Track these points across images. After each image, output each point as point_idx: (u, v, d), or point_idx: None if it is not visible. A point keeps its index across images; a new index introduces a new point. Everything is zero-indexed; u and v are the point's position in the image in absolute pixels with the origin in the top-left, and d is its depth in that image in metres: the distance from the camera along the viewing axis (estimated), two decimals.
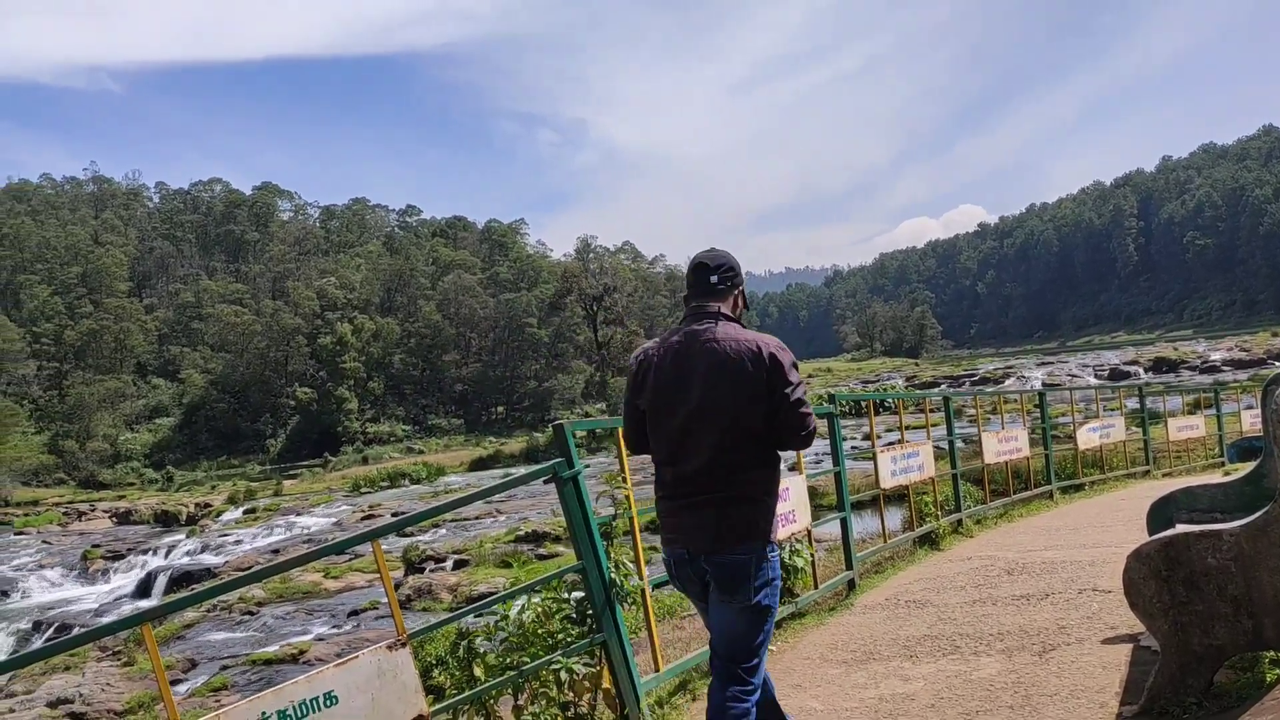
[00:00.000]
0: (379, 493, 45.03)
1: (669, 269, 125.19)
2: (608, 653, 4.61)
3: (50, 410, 73.26)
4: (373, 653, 4.12)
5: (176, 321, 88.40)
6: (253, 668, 17.08)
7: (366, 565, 25.44)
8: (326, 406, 73.54)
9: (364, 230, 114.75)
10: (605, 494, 4.97)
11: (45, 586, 32.21)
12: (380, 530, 4.32)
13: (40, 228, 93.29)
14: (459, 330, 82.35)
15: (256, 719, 3.86)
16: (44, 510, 51.80)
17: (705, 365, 3.42)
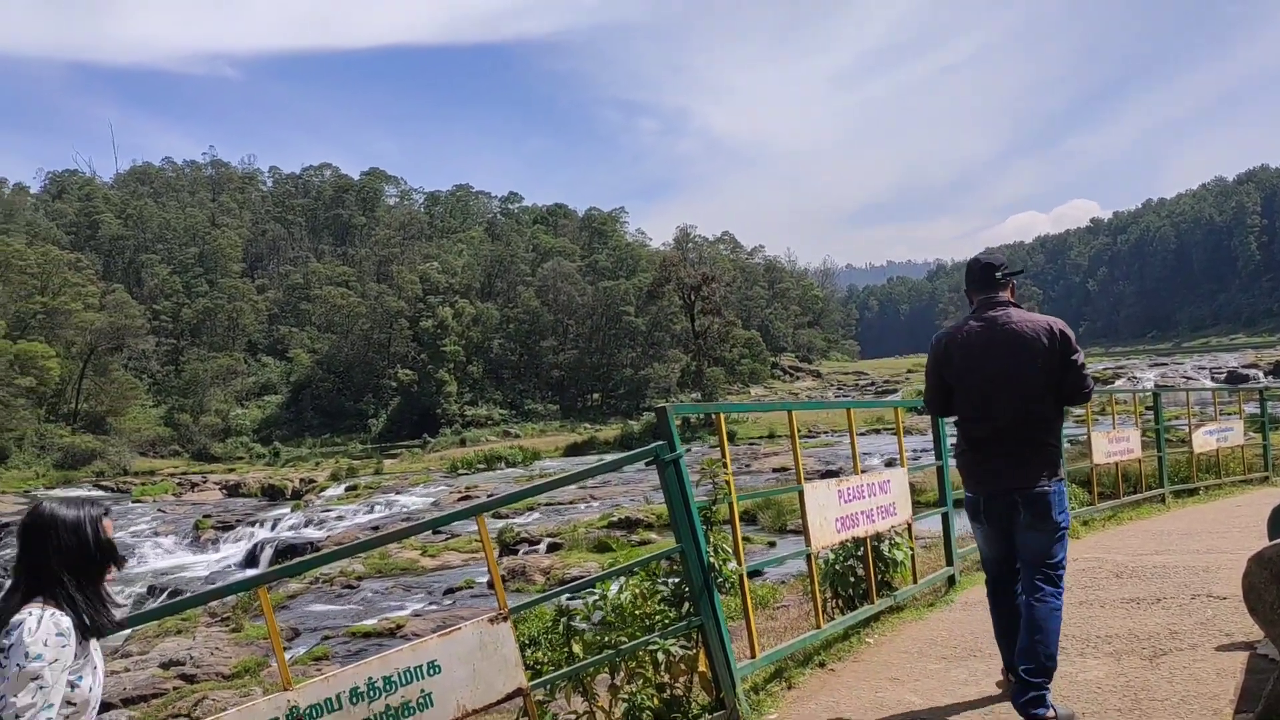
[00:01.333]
0: (475, 474, 45.71)
1: (768, 260, 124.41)
2: (705, 636, 4.59)
3: (167, 385, 76.30)
4: (475, 625, 4.18)
5: (286, 302, 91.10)
6: (352, 639, 17.49)
7: (462, 545, 25.87)
8: (426, 388, 74.95)
9: (467, 216, 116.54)
10: (705, 479, 4.95)
11: (160, 553, 33.54)
12: (486, 505, 4.38)
13: (161, 209, 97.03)
14: (557, 317, 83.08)
15: (363, 684, 3.95)
16: (160, 480, 53.96)
17: (1007, 342, 4.40)
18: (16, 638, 2.65)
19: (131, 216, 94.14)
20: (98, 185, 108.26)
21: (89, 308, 66.78)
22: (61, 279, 68.09)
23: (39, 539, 2.82)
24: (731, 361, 74.83)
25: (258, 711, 3.87)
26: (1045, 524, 4.39)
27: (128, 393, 67.94)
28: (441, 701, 4.07)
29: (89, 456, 58.73)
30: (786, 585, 10.86)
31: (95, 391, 66.68)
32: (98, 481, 54.78)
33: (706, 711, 4.60)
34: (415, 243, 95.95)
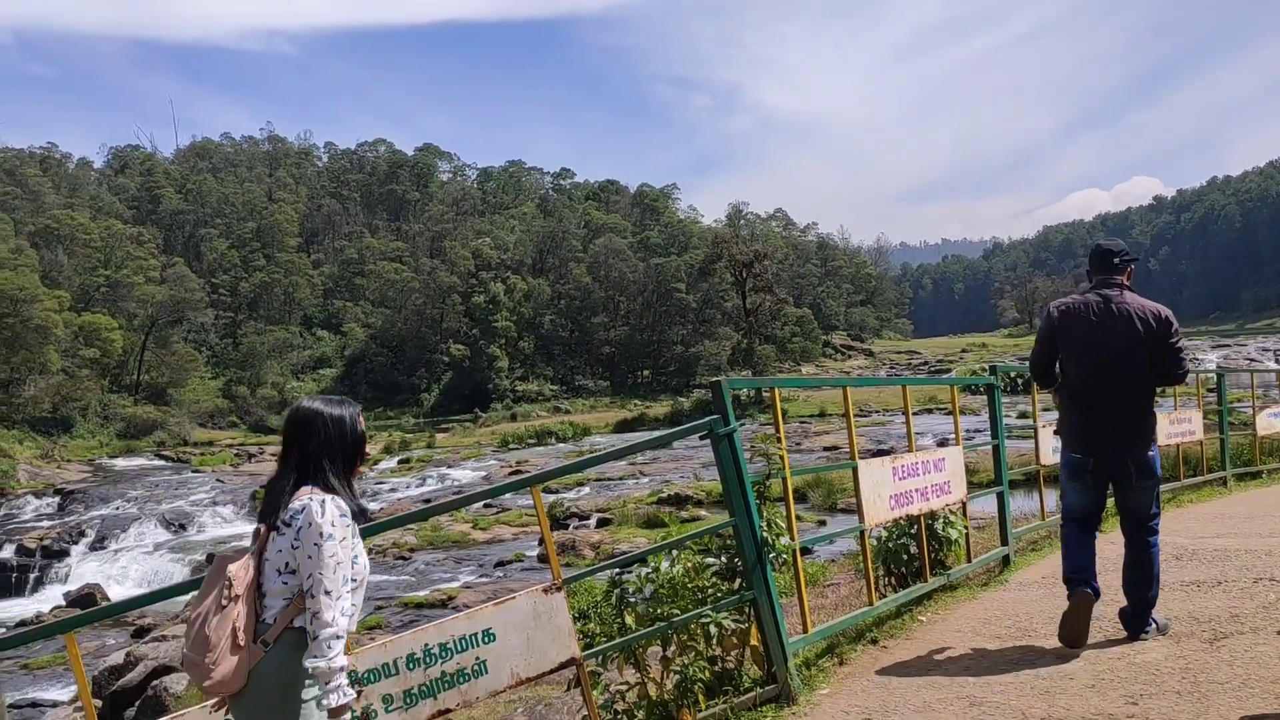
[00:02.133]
0: (526, 449, 46.04)
1: (820, 237, 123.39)
2: (757, 610, 4.60)
3: (225, 357, 77.66)
4: (529, 595, 4.23)
5: (340, 277, 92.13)
6: (404, 609, 17.77)
7: (513, 519, 26.12)
8: (478, 363, 75.51)
9: (519, 192, 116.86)
10: (758, 454, 4.95)
11: (219, 522, 34.24)
12: (541, 476, 4.41)
13: (220, 184, 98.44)
14: (608, 293, 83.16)
15: (420, 650, 4.02)
16: (218, 451, 55.02)
17: (1120, 320, 5.02)
18: (305, 519, 2.89)
19: (191, 191, 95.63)
20: (159, 160, 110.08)
21: (150, 281, 68.05)
22: (124, 252, 69.44)
23: (311, 432, 3.07)
24: (783, 339, 74.44)
25: None
26: (1149, 482, 5.18)
27: (187, 365, 69.23)
28: (496, 669, 4.13)
29: (150, 427, 60.02)
30: (836, 564, 10.84)
31: (156, 363, 68.05)
32: (159, 451, 55.98)
33: (758, 685, 4.61)
34: (468, 218, 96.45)
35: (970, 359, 79.60)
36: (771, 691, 4.59)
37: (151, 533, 32.42)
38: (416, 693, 4.02)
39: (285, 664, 2.90)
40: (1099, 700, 4.29)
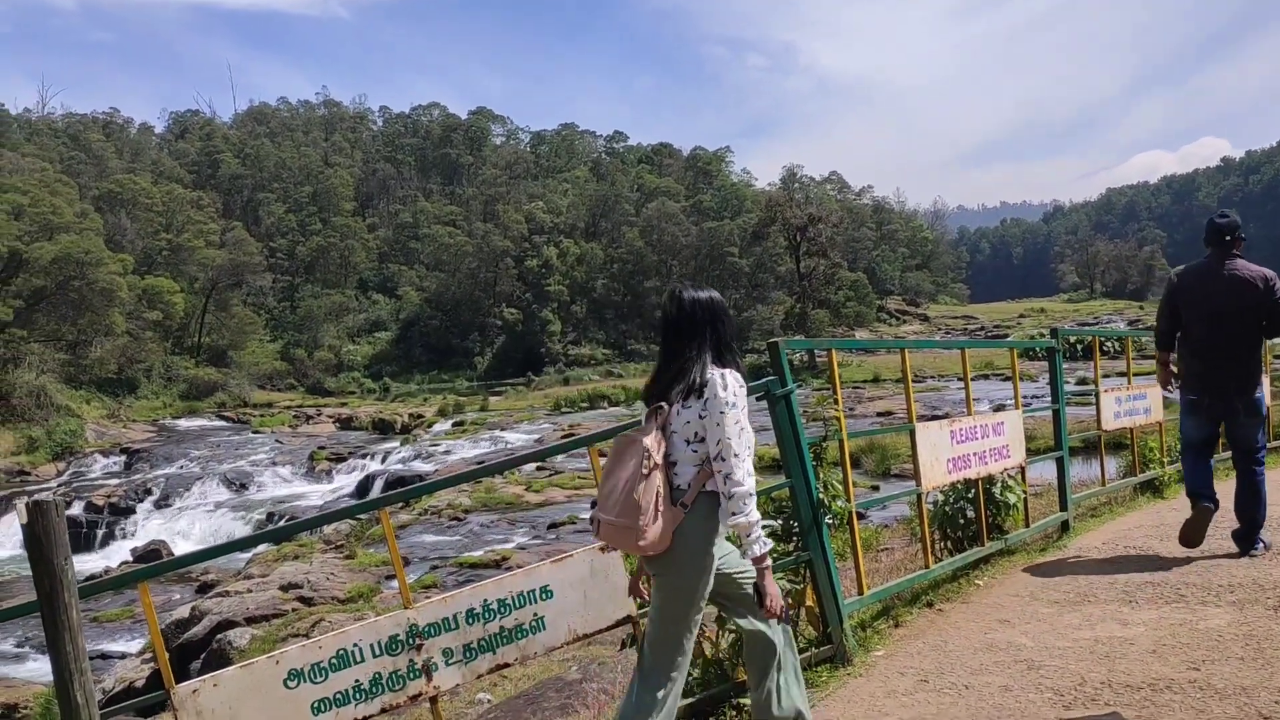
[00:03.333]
0: (579, 413, 46.26)
1: (876, 200, 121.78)
2: (812, 571, 4.60)
3: (283, 320, 78.83)
4: (586, 553, 4.27)
5: (395, 240, 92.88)
6: (459, 569, 18.00)
7: (565, 482, 26.33)
8: (531, 327, 75.88)
9: (572, 156, 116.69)
10: (815, 416, 4.93)
11: (278, 482, 34.94)
12: (600, 435, 4.43)
13: (277, 149, 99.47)
14: (660, 257, 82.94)
15: (479, 605, 4.07)
16: (277, 412, 56.00)
17: (1233, 283, 5.92)
18: (712, 392, 3.32)
19: (249, 156, 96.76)
20: (217, 125, 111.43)
21: (210, 245, 69.13)
22: (185, 216, 70.55)
23: (717, 315, 3.52)
24: (837, 304, 73.72)
25: (380, 627, 4.02)
26: (1255, 419, 6.17)
27: (247, 327, 70.39)
28: (553, 625, 4.18)
29: (211, 388, 61.23)
30: (889, 529, 10.81)
31: (217, 326, 69.30)
32: (219, 412, 57.15)
33: (813, 645, 4.62)
34: (521, 182, 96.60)
35: (1028, 324, 78.45)
36: (827, 652, 4.60)
37: (213, 491, 33.20)
38: (476, 647, 4.08)
39: (702, 523, 3.36)
40: (1160, 665, 4.24)
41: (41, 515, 2.83)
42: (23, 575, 26.51)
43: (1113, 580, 5.76)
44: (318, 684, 3.89)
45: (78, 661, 2.82)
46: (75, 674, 2.80)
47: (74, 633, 2.80)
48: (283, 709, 3.85)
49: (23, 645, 19.14)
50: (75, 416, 47.06)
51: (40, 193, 56.92)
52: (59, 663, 2.82)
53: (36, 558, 2.85)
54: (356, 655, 3.95)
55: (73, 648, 2.80)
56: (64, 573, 2.84)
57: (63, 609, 2.80)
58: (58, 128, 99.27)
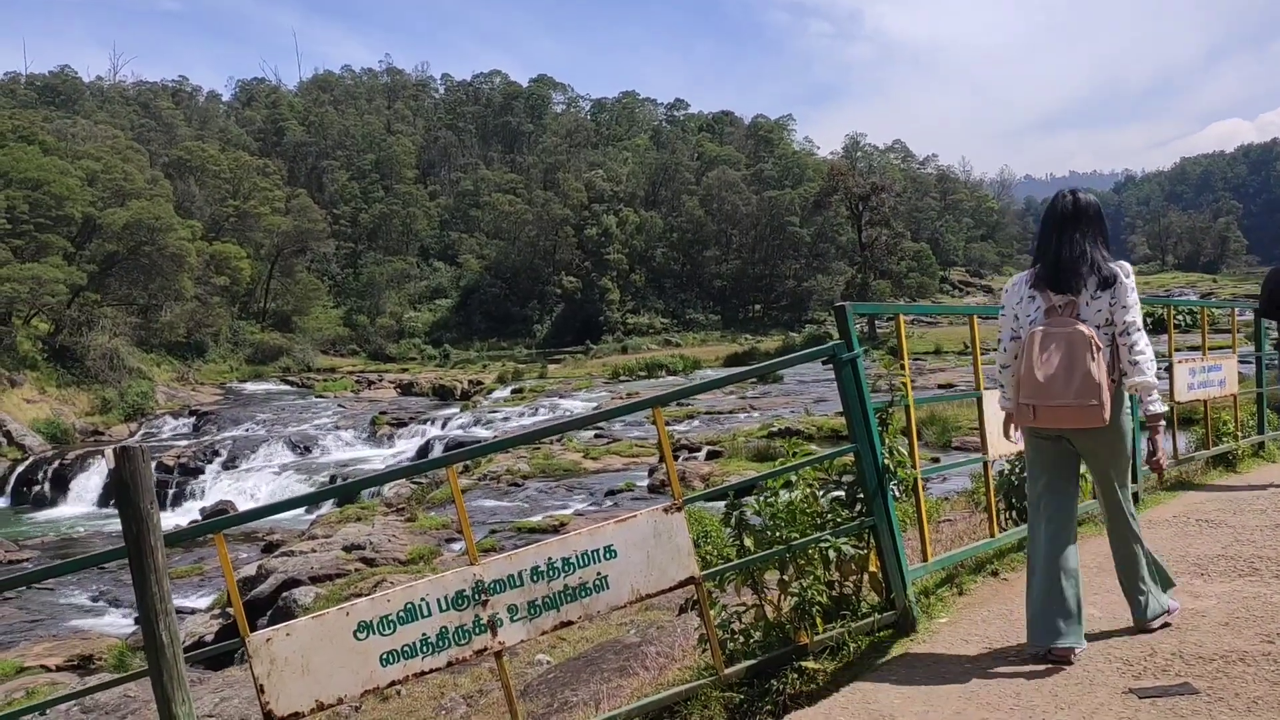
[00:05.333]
0: (636, 381, 46.35)
1: (940, 169, 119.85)
2: (876, 537, 4.58)
3: (346, 287, 79.95)
4: (650, 514, 4.29)
5: (456, 208, 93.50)
6: (517, 534, 18.19)
7: (623, 449, 26.45)
8: (590, 296, 76.08)
9: (632, 124, 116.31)
10: (882, 380, 4.89)
11: (341, 445, 35.57)
12: (663, 398, 4.44)
13: (341, 117, 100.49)
14: (720, 226, 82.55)
15: (544, 563, 4.12)
16: (340, 377, 56.94)
17: None
18: (1119, 281, 4.06)
19: (313, 124, 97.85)
20: (283, 93, 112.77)
21: (275, 212, 70.16)
22: (251, 184, 71.66)
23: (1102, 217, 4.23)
24: (899, 275, 72.89)
25: (446, 583, 4.08)
26: None
27: (310, 293, 71.51)
28: (616, 584, 4.21)
29: (276, 353, 62.40)
30: (950, 502, 10.70)
31: (281, 292, 70.49)
32: (284, 376, 58.27)
33: (876, 611, 4.61)
34: (581, 150, 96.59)
35: None
36: (890, 618, 4.58)
37: (279, 454, 33.90)
38: (540, 604, 4.13)
39: (1123, 394, 4.11)
40: (1233, 638, 4.16)
41: (129, 461, 2.92)
42: (97, 532, 27.36)
43: (1184, 553, 5.66)
44: (386, 636, 3.97)
45: (163, 603, 2.91)
46: (160, 615, 2.90)
47: (159, 574, 2.90)
48: (352, 660, 3.94)
49: (97, 600, 19.79)
50: (146, 379, 48.27)
51: (112, 159, 58.18)
52: (145, 603, 2.91)
53: (124, 502, 2.95)
54: (424, 609, 4.02)
55: (158, 589, 2.90)
56: (150, 517, 2.93)
57: (149, 552, 2.90)
58: (129, 95, 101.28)
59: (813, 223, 78.62)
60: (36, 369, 43.40)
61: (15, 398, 40.41)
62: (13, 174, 46.71)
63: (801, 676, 4.26)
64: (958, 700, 3.85)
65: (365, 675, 3.96)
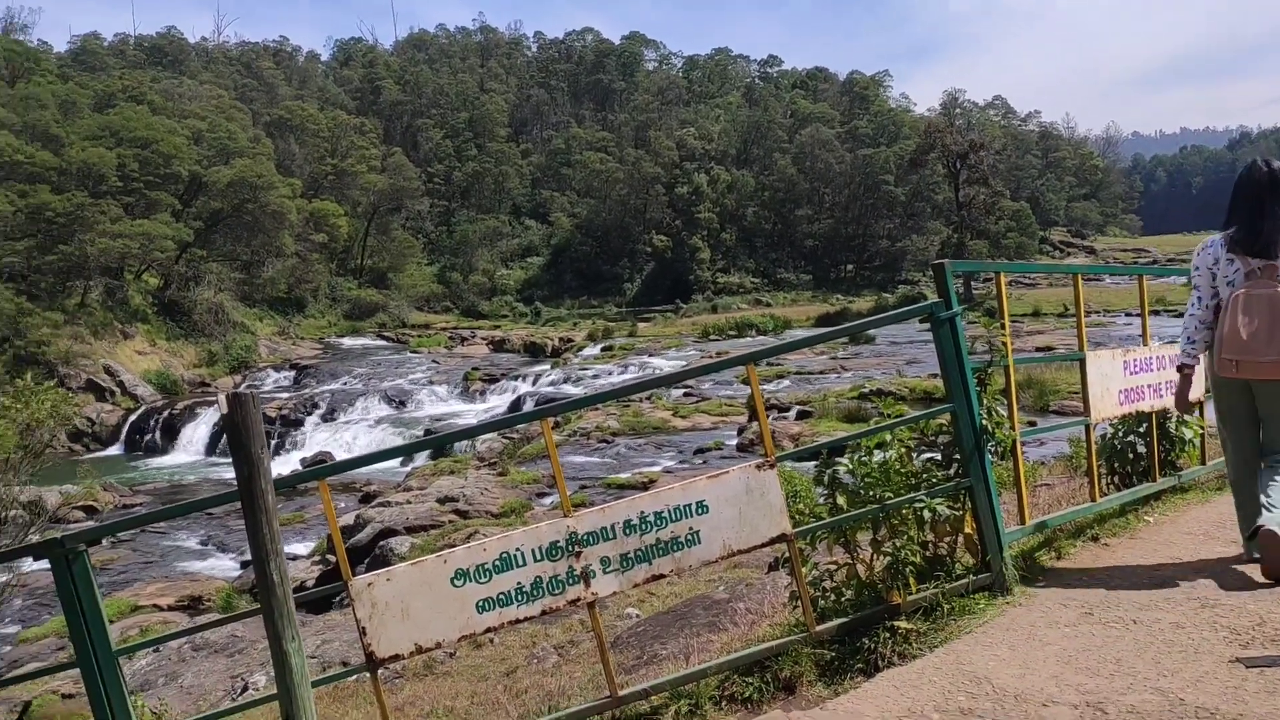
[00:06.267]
0: (726, 341, 46.26)
1: (1043, 126, 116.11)
2: (973, 498, 4.51)
3: (440, 244, 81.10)
4: (742, 470, 4.29)
5: (548, 167, 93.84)
6: (607, 490, 18.39)
7: (712, 408, 26.46)
8: (680, 255, 75.83)
9: (725, 81, 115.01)
10: (981, 340, 4.79)
11: (434, 400, 36.30)
12: (757, 354, 4.42)
13: (435, 75, 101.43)
14: (813, 185, 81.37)
15: (636, 517, 4.16)
16: (433, 333, 58.00)
17: None
18: None
19: (409, 83, 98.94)
20: (379, 53, 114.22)
21: (372, 170, 71.36)
22: (348, 142, 72.96)
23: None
24: (997, 235, 71.03)
25: (541, 533, 4.16)
26: None
27: (406, 251, 72.74)
28: (708, 540, 4.23)
29: (373, 309, 63.79)
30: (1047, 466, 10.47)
31: (378, 249, 71.85)
32: (380, 332, 59.58)
33: (971, 573, 4.55)
34: (673, 108, 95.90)
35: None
36: (985, 580, 4.52)
37: (375, 408, 34.77)
38: (632, 557, 4.18)
39: None
40: None
41: (240, 407, 3.03)
42: (204, 479, 28.48)
43: None
44: (482, 584, 4.06)
45: (273, 543, 3.03)
46: (271, 555, 3.01)
47: (270, 516, 3.01)
48: (449, 606, 4.04)
49: (205, 544, 20.65)
50: (249, 333, 49.85)
51: (217, 119, 59.78)
52: (257, 543, 3.03)
53: (236, 446, 3.06)
54: (519, 559, 4.10)
55: (269, 530, 3.01)
56: (260, 461, 3.04)
57: (260, 494, 3.01)
58: (232, 56, 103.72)
59: (908, 181, 77.00)
60: (147, 322, 45.13)
61: (128, 350, 42.13)
62: (124, 133, 48.35)
63: (894, 636, 4.23)
64: (1055, 664, 3.79)
65: (462, 621, 4.06)
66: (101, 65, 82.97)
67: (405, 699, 6.80)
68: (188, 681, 10.69)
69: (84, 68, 78.27)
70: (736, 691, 4.19)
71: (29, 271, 41.09)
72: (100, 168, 44.45)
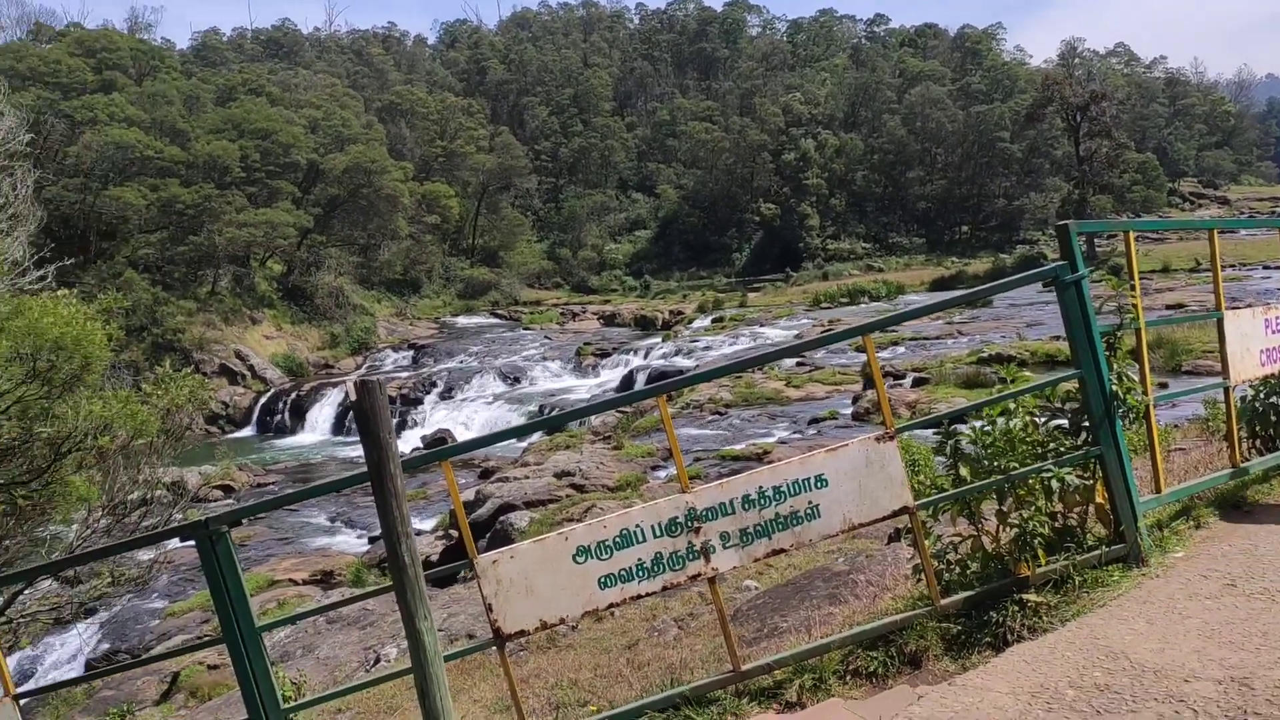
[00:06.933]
0: (838, 308, 45.66)
1: (1169, 73, 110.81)
2: (1104, 466, 4.36)
3: (549, 221, 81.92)
4: (862, 443, 4.23)
5: (653, 139, 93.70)
6: (721, 462, 18.40)
7: (825, 377, 26.16)
8: (789, 222, 74.96)
9: (830, 43, 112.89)
10: (1112, 301, 4.61)
11: (548, 375, 36.80)
12: (874, 324, 4.35)
13: (539, 53, 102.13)
14: (924, 146, 79.34)
15: (754, 492, 4.15)
16: (545, 309, 58.69)
17: None
18: None
19: (513, 61, 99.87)
20: (484, 33, 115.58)
21: (480, 150, 72.40)
22: (457, 124, 74.10)
23: None
24: (1121, 189, 68.21)
25: (660, 510, 4.18)
26: None
27: (515, 229, 73.72)
28: (828, 513, 4.20)
29: (485, 287, 64.90)
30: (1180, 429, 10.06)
31: (488, 228, 72.98)
32: (493, 310, 60.60)
33: (1104, 544, 4.41)
34: (777, 73, 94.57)
35: None
36: (1119, 551, 4.37)
37: (490, 384, 35.40)
38: (752, 532, 4.17)
39: None
40: None
41: (368, 394, 3.12)
42: (331, 458, 29.48)
43: None
44: (604, 561, 4.11)
45: (403, 525, 3.12)
46: (402, 536, 3.10)
47: (399, 498, 3.10)
48: (572, 582, 4.11)
49: (334, 520, 21.41)
50: (368, 314, 51.29)
51: (331, 107, 61.40)
52: (387, 524, 3.13)
53: (365, 431, 3.15)
54: (639, 535, 4.13)
55: (399, 511, 3.10)
56: (389, 445, 3.13)
57: (389, 477, 3.10)
58: (343, 44, 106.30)
59: (1025, 137, 74.43)
60: (273, 307, 46.84)
61: (256, 334, 43.82)
62: (245, 125, 50.06)
63: (1023, 609, 4.13)
64: (1196, 638, 3.65)
65: (585, 597, 4.12)
66: (221, 60, 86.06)
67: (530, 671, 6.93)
68: (323, 653, 11.13)
69: (205, 63, 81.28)
70: (861, 666, 4.16)
71: (163, 262, 43.04)
72: (224, 160, 46.17)
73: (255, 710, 4.06)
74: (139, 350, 36.78)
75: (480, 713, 5.70)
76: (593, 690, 5.53)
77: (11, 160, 9.57)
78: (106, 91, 48.49)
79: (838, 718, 3.83)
